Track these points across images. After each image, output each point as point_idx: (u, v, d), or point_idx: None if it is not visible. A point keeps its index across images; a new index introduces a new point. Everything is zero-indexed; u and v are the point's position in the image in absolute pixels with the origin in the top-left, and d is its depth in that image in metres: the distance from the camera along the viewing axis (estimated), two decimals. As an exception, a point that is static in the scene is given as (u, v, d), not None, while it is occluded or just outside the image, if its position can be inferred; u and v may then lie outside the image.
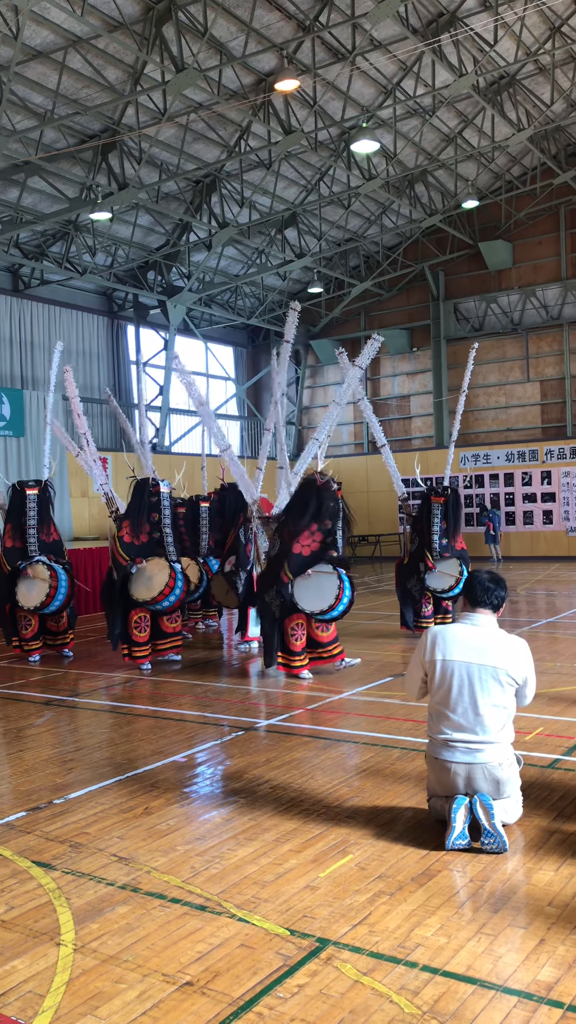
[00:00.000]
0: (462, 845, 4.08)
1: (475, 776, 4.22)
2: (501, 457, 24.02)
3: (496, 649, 4.25)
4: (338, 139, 18.33)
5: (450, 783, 4.27)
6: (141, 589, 9.15)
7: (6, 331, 20.11)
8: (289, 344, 9.64)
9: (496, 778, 4.23)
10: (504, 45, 16.50)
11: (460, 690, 4.23)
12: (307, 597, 8.39)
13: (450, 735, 4.27)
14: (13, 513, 10.17)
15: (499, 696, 4.23)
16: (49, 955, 3.29)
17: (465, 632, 4.32)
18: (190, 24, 13.84)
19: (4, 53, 13.28)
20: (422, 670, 4.39)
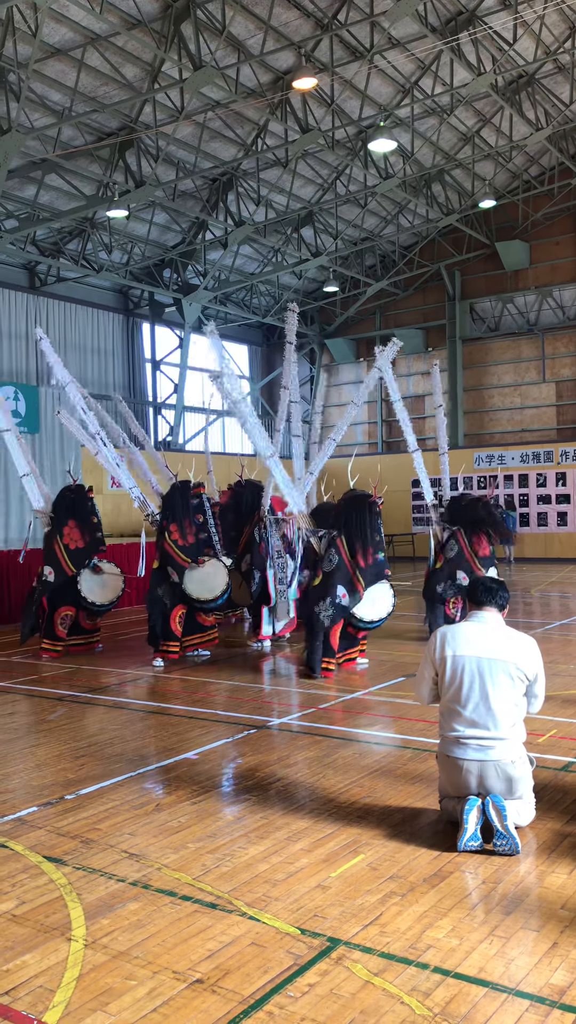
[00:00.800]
0: (474, 847, 4.06)
1: (487, 774, 4.20)
2: (516, 458, 23.91)
3: (505, 644, 4.27)
4: (355, 138, 18.29)
5: (462, 782, 4.25)
6: (201, 588, 9.43)
7: (22, 328, 20.17)
8: (292, 345, 9.66)
9: (509, 776, 4.21)
10: (523, 44, 16.42)
11: (471, 685, 4.23)
12: (365, 607, 8.68)
13: (462, 732, 4.26)
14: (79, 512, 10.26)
15: (510, 690, 4.22)
16: (60, 950, 3.29)
17: (474, 629, 4.35)
18: (208, 22, 13.84)
19: (23, 51, 13.32)
20: (432, 669, 4.40)
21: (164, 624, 9.37)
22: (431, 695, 4.51)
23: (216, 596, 9.51)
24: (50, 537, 10.20)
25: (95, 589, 10.17)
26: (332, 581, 8.51)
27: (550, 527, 23.42)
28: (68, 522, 10.19)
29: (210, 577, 9.52)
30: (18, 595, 13.27)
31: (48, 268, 20.47)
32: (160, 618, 9.37)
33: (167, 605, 9.38)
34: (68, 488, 10.47)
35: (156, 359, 23.93)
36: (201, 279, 22.27)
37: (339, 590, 8.47)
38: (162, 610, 9.37)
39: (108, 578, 10.31)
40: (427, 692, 4.51)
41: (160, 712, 7.24)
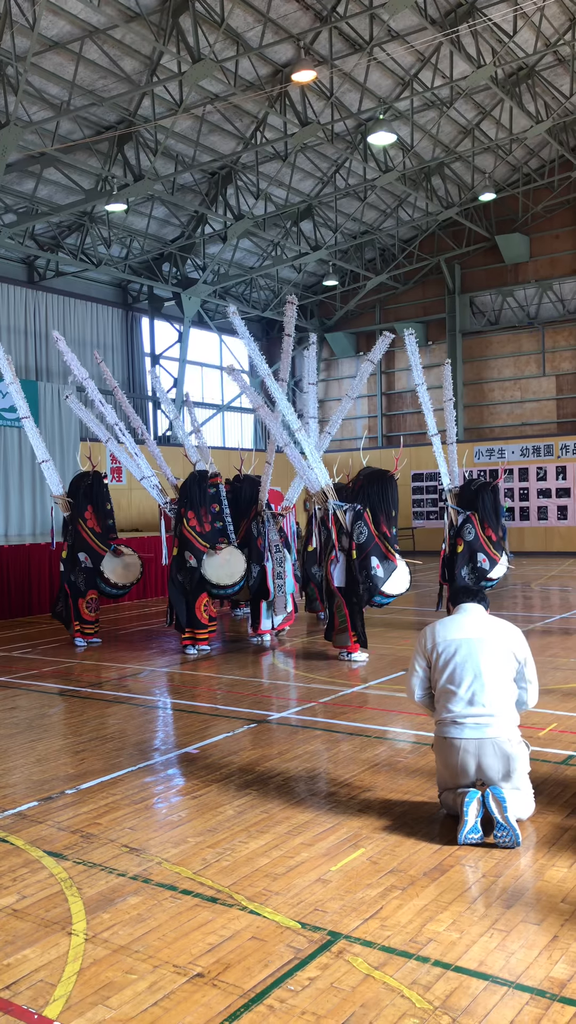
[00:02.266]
0: (475, 839, 4.07)
1: (485, 752, 4.23)
2: (516, 452, 23.89)
3: (494, 627, 4.46)
4: (355, 131, 18.23)
5: (460, 763, 4.27)
6: (220, 574, 9.59)
7: (21, 322, 20.14)
8: (291, 338, 9.74)
9: (506, 753, 4.24)
10: (523, 36, 16.36)
11: (465, 663, 4.34)
12: (392, 582, 8.84)
13: (459, 712, 4.31)
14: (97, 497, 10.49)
15: (503, 666, 4.35)
16: (60, 944, 3.29)
17: (461, 618, 4.54)
18: (207, 14, 13.79)
19: (21, 44, 13.27)
20: (424, 661, 4.52)
21: (190, 611, 9.63)
22: (421, 690, 4.59)
23: (235, 582, 9.67)
24: (74, 523, 10.42)
25: (118, 570, 10.42)
26: (366, 554, 8.77)
27: (550, 521, 23.41)
28: (87, 507, 10.46)
29: (228, 564, 9.71)
30: (17, 591, 13.28)
31: (47, 262, 20.42)
32: (183, 606, 9.65)
33: (188, 591, 9.62)
34: (84, 474, 10.66)
35: (155, 353, 23.90)
36: (200, 273, 22.23)
37: (373, 561, 8.74)
38: (184, 595, 9.64)
39: (129, 559, 10.56)
40: (417, 686, 4.59)
41: (160, 707, 7.24)
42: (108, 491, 10.71)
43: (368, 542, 8.81)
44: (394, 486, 9.23)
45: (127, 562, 10.54)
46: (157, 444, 14.86)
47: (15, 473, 18.70)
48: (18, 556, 13.35)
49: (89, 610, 10.39)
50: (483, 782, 4.28)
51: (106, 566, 10.37)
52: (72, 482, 10.76)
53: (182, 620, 9.68)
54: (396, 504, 9.21)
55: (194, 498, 9.75)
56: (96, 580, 10.35)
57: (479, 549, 10.35)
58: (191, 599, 9.63)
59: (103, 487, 10.61)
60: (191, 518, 9.69)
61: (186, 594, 9.64)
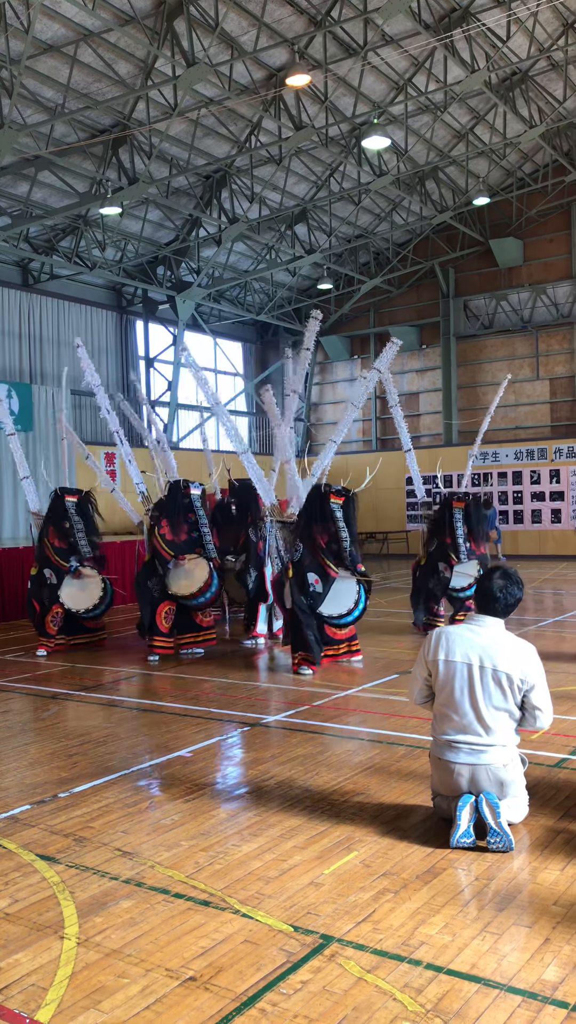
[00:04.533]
0: (467, 843, 4.07)
1: (479, 777, 4.20)
2: (510, 455, 23.94)
3: (500, 652, 4.19)
4: (349, 135, 18.27)
5: (453, 784, 4.25)
6: (181, 584, 9.46)
7: (15, 326, 20.12)
8: (309, 351, 9.69)
9: (500, 779, 4.21)
10: (517, 41, 16.41)
11: (462, 692, 4.21)
12: (328, 602, 8.65)
13: (453, 736, 4.26)
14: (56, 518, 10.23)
15: (501, 700, 4.18)
16: (52, 949, 3.28)
17: (470, 634, 4.28)
18: (201, 18, 13.81)
19: (15, 47, 13.27)
20: (426, 669, 4.39)
21: (151, 618, 9.53)
22: (422, 696, 4.51)
23: (197, 590, 9.38)
24: (40, 539, 10.31)
25: (74, 593, 10.12)
26: (302, 569, 8.60)
27: (544, 524, 23.45)
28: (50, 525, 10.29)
29: (189, 573, 9.51)
30: (11, 594, 13.26)
31: (41, 265, 20.41)
32: (149, 611, 9.54)
33: (155, 599, 9.51)
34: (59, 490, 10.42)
35: (150, 356, 23.89)
36: (195, 276, 22.23)
37: (311, 577, 8.55)
38: (150, 602, 9.52)
39: (88, 583, 10.18)
40: (418, 693, 4.51)
41: (153, 710, 7.24)
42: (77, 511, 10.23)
43: (303, 559, 8.60)
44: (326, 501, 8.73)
45: (83, 584, 10.09)
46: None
47: (8, 478, 18.68)
48: (11, 560, 13.33)
49: (53, 624, 10.10)
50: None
51: (63, 589, 10.01)
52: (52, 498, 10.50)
53: (144, 624, 9.61)
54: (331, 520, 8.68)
55: (170, 506, 9.65)
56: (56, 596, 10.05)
57: (440, 559, 10.37)
58: (155, 605, 9.51)
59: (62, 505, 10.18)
60: (164, 526, 9.61)
61: (152, 601, 9.53)
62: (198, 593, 9.44)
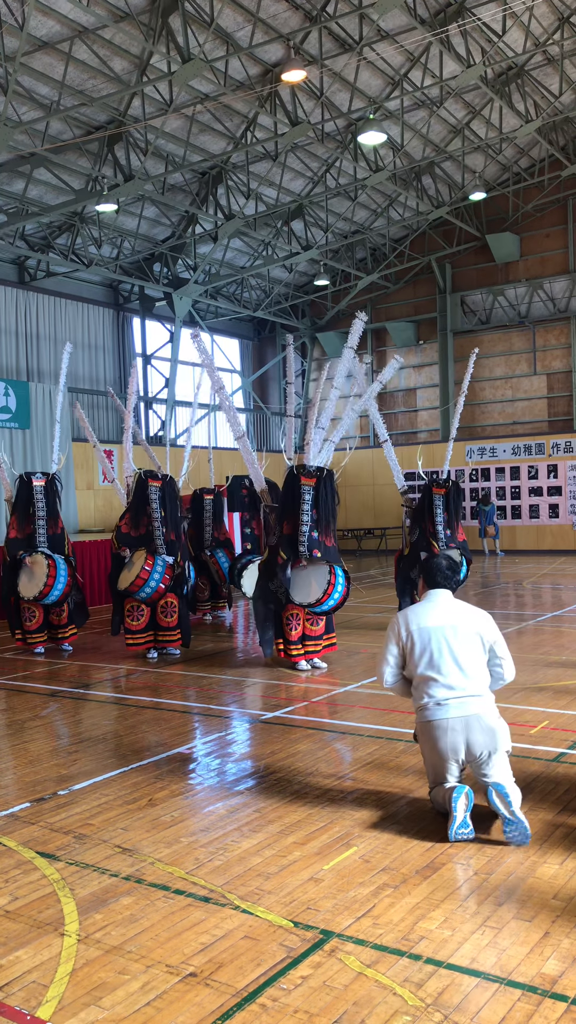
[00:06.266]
0: (465, 835, 4.07)
1: (471, 728, 4.29)
2: (507, 450, 23.95)
3: (462, 614, 4.52)
4: (345, 130, 18.24)
5: (448, 743, 4.30)
6: (123, 577, 9.36)
7: (12, 323, 20.09)
8: (352, 350, 9.47)
9: (490, 727, 4.32)
10: (512, 36, 16.39)
11: (441, 650, 4.41)
12: (298, 588, 8.43)
13: (440, 694, 4.37)
14: (20, 504, 10.18)
15: (477, 651, 4.44)
16: (53, 945, 3.29)
17: (431, 605, 4.59)
18: (196, 14, 13.78)
19: (10, 44, 13.23)
20: (397, 648, 4.56)
21: (120, 615, 9.52)
22: (393, 676, 4.62)
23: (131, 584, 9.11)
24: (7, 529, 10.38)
25: (24, 581, 9.98)
26: (275, 556, 8.55)
27: (542, 519, 23.47)
28: (14, 512, 10.23)
29: (130, 565, 9.41)
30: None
31: (37, 263, 20.37)
32: (118, 608, 9.53)
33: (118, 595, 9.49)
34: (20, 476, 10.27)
35: (147, 353, 23.87)
36: (191, 273, 22.20)
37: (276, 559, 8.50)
38: (120, 597, 9.48)
39: (36, 568, 9.95)
40: (388, 673, 4.62)
41: (152, 707, 7.24)
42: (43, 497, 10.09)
43: (277, 544, 8.55)
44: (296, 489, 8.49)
45: (28, 574, 9.95)
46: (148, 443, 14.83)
47: None
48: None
49: (25, 619, 10.03)
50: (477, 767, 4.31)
51: (20, 577, 9.96)
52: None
53: (115, 620, 9.59)
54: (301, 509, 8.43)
55: (133, 499, 9.56)
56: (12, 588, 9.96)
57: (423, 548, 10.38)
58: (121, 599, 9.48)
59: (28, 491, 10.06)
60: (126, 518, 9.57)
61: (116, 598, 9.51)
62: (133, 588, 9.15)
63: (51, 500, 10.21)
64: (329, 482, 8.63)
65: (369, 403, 10.78)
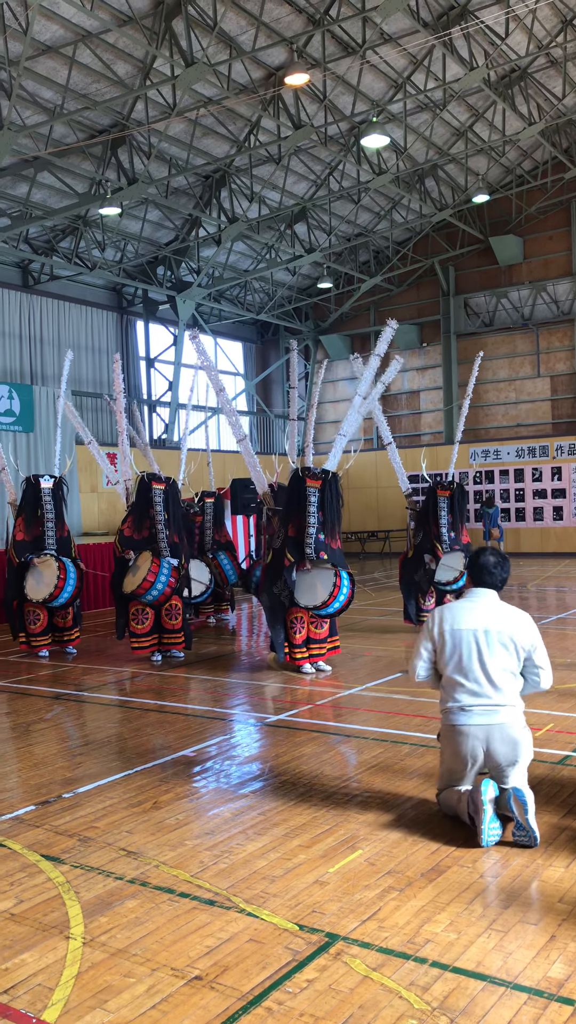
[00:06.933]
0: (496, 832, 4.07)
1: (493, 737, 4.24)
2: (511, 453, 23.93)
3: (501, 618, 4.39)
4: (348, 133, 18.26)
5: (469, 750, 4.28)
6: (128, 580, 9.34)
7: (15, 327, 20.12)
8: (378, 357, 9.47)
9: (513, 738, 4.26)
10: (515, 38, 16.39)
11: (470, 655, 4.33)
12: (303, 591, 8.42)
13: (466, 701, 4.31)
14: (27, 506, 10.17)
15: (508, 660, 4.32)
16: (58, 948, 3.29)
17: (470, 605, 4.47)
18: (199, 18, 13.80)
19: (14, 48, 13.27)
20: (431, 644, 4.49)
21: (125, 619, 9.47)
22: (425, 671, 4.56)
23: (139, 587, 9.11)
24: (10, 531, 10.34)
25: (32, 584, 9.99)
26: (279, 559, 8.49)
27: (546, 522, 23.44)
28: (21, 514, 10.20)
29: (135, 568, 9.38)
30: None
31: (41, 266, 20.41)
32: (123, 611, 9.48)
33: (123, 598, 9.44)
34: (27, 478, 10.31)
35: (150, 357, 23.89)
36: (195, 276, 22.23)
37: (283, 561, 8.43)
38: (124, 600, 9.43)
39: (45, 570, 9.99)
40: (421, 668, 4.56)
41: (157, 710, 7.24)
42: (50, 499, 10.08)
43: (283, 548, 8.48)
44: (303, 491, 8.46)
45: (37, 576, 9.96)
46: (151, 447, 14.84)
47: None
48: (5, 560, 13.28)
49: (30, 622, 10.01)
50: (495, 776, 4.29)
51: (27, 579, 9.94)
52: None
53: (120, 623, 9.54)
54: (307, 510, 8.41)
55: (136, 502, 9.55)
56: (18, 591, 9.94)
57: (427, 550, 10.37)
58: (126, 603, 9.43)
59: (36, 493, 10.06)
60: (128, 521, 9.55)
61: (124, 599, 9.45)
62: (140, 591, 9.14)
63: (58, 503, 10.22)
64: (334, 484, 8.66)
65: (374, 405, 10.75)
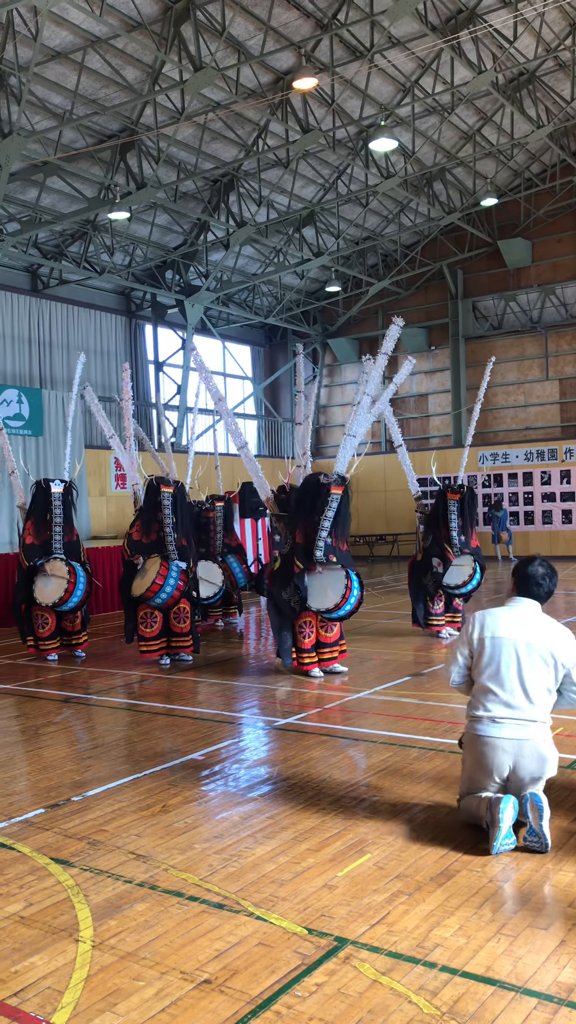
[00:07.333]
0: (508, 846, 4.04)
1: (523, 752, 4.18)
2: (520, 456, 23.89)
3: (543, 631, 4.29)
4: (356, 137, 18.28)
5: (495, 762, 4.21)
6: (136, 584, 9.33)
7: (25, 331, 20.20)
8: (386, 356, 9.47)
9: (542, 755, 4.21)
10: (523, 41, 16.40)
11: (508, 666, 4.24)
12: (315, 594, 8.39)
13: (498, 712, 4.24)
14: (36, 510, 10.18)
15: (546, 675, 4.24)
16: (68, 951, 3.29)
17: (512, 614, 4.37)
18: (208, 23, 13.85)
19: (23, 54, 13.34)
20: (467, 649, 4.39)
21: (133, 623, 9.45)
22: (460, 677, 4.48)
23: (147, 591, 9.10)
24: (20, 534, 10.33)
25: (42, 588, 9.98)
26: (288, 564, 8.45)
27: (555, 525, 23.38)
28: (30, 518, 10.19)
29: (144, 572, 9.34)
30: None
31: (50, 271, 20.49)
32: (131, 615, 9.46)
33: (131, 602, 9.43)
34: (36, 482, 10.31)
35: (159, 360, 23.94)
36: (203, 280, 22.28)
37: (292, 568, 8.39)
38: (132, 604, 9.42)
39: (52, 577, 9.98)
40: (456, 674, 4.47)
41: (165, 713, 7.24)
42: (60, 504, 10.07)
43: (292, 553, 8.45)
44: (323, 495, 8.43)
45: (46, 580, 9.94)
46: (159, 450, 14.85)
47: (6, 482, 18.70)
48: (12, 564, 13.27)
49: (38, 626, 10.03)
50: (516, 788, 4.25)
51: (36, 583, 9.93)
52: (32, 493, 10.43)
53: (128, 628, 9.53)
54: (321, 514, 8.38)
55: (144, 505, 9.53)
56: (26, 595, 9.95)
57: (435, 554, 10.32)
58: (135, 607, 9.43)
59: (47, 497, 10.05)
60: (136, 525, 9.53)
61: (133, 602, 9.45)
62: (149, 594, 9.11)
63: (67, 507, 10.23)
64: (347, 488, 8.72)
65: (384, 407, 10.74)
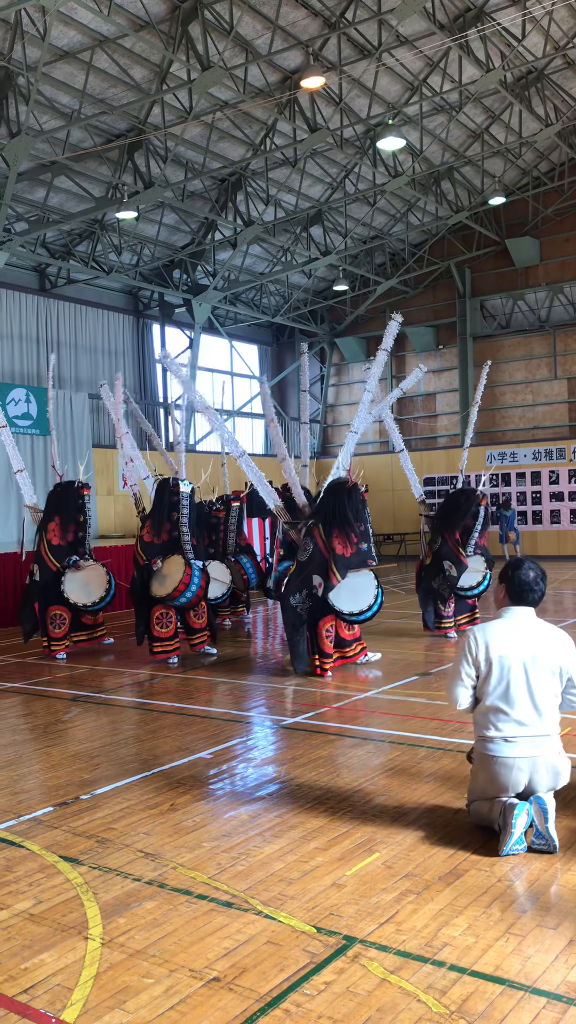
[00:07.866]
0: (519, 851, 4.03)
1: (537, 768, 4.16)
2: (528, 455, 23.84)
3: (545, 642, 4.21)
4: (364, 136, 18.26)
5: (510, 781, 4.16)
6: (157, 586, 9.34)
7: (33, 330, 20.24)
8: (385, 352, 9.49)
9: (556, 768, 4.20)
10: (532, 40, 16.35)
11: (518, 684, 4.15)
12: (344, 598, 8.44)
13: (510, 732, 4.17)
14: (66, 509, 10.19)
15: (553, 686, 4.20)
16: (77, 949, 3.30)
17: (512, 627, 4.24)
18: (216, 22, 13.85)
19: (32, 54, 13.36)
20: (474, 671, 4.23)
21: (146, 623, 9.44)
22: (468, 700, 4.30)
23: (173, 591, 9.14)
24: (38, 533, 10.28)
25: (76, 589, 10.06)
26: (307, 571, 8.44)
27: (563, 524, 23.33)
28: (54, 518, 10.19)
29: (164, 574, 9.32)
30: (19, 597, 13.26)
31: (58, 270, 20.53)
32: (143, 616, 9.46)
33: (145, 603, 9.43)
34: (58, 484, 10.41)
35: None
36: (211, 279, 22.29)
37: (314, 580, 8.37)
38: (145, 605, 9.42)
39: (91, 575, 10.10)
40: (464, 697, 4.29)
41: (173, 712, 7.26)
42: (83, 504, 10.25)
43: (310, 561, 8.43)
44: (354, 499, 8.56)
45: (87, 578, 10.04)
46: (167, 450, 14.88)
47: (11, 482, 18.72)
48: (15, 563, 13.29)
49: (53, 626, 10.07)
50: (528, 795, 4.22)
51: (66, 584, 9.99)
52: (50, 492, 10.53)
53: (140, 629, 9.54)
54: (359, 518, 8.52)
55: (154, 506, 9.53)
56: (56, 595, 9.99)
57: (446, 556, 10.27)
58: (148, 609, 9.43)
59: (75, 497, 10.19)
60: (146, 526, 9.51)
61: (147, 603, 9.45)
62: (175, 594, 9.16)
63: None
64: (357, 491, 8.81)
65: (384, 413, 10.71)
